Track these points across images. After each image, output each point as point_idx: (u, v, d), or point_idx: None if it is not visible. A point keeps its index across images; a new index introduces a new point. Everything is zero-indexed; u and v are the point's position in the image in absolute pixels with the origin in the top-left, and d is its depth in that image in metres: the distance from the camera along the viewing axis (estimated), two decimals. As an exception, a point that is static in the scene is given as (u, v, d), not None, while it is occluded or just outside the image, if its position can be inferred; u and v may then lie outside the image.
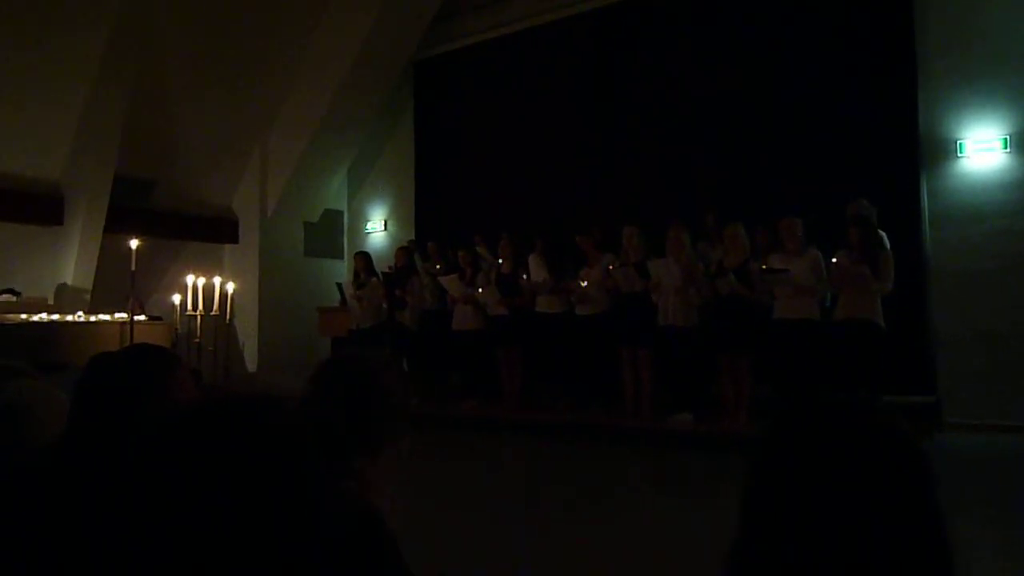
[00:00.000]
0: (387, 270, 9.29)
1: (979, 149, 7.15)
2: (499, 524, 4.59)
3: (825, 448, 0.85)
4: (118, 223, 9.32)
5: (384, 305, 9.02)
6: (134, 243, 7.91)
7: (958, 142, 7.23)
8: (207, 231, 11.03)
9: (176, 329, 9.09)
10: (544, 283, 7.65)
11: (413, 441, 1.58)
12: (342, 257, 11.69)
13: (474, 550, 3.93)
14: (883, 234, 6.14)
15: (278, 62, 10.20)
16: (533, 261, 7.86)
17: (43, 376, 1.99)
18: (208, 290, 8.98)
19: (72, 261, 9.43)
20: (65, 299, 9.41)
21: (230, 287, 9.40)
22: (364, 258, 9.26)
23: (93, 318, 8.88)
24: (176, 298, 9.04)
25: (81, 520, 1.20)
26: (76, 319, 8.78)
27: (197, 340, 8.72)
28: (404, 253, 9.08)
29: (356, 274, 9.27)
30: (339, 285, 9.75)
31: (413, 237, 10.46)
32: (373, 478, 1.45)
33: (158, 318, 9.49)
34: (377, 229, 11.64)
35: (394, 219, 11.50)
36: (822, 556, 0.80)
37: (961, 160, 7.24)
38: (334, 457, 1.33)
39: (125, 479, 0.89)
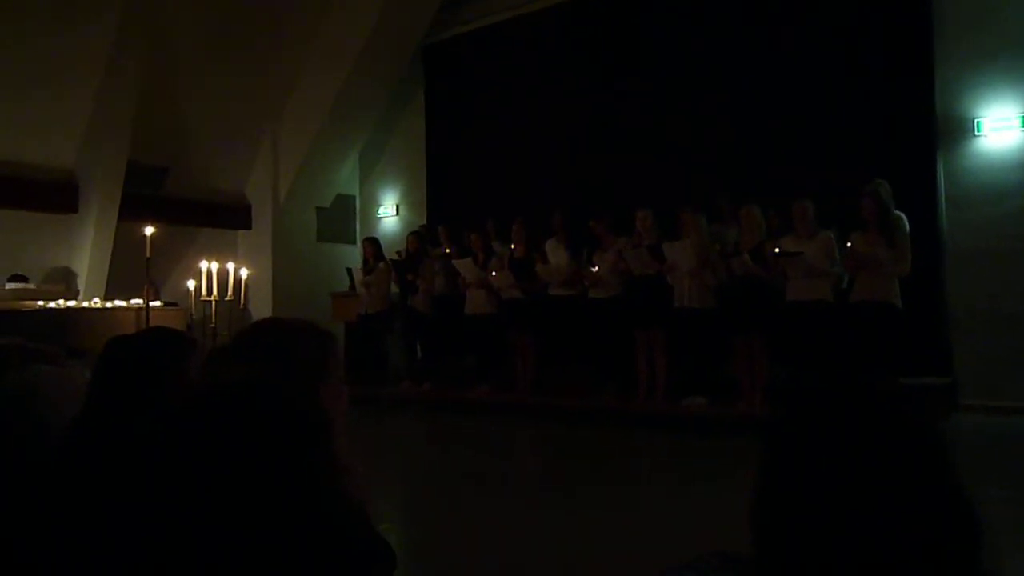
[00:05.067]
0: (397, 255, 9.31)
1: (997, 128, 7.05)
2: (513, 508, 4.61)
3: (839, 430, 0.84)
4: (132, 210, 9.37)
5: (396, 290, 9.05)
6: (149, 230, 7.94)
7: (975, 121, 7.14)
8: (220, 217, 11.07)
9: (191, 315, 9.14)
10: (558, 270, 7.64)
11: (351, 393, 1.48)
12: (354, 242, 11.69)
13: (487, 534, 3.95)
14: (902, 215, 6.06)
15: (289, 47, 10.19)
16: (551, 246, 7.85)
17: (68, 361, 2.01)
18: (222, 276, 9.01)
19: (87, 248, 9.50)
20: (80, 286, 9.48)
21: (244, 273, 9.44)
22: (372, 244, 9.29)
23: (109, 304, 8.95)
24: (191, 284, 9.09)
25: (95, 502, 1.21)
26: (92, 305, 8.85)
27: (212, 325, 8.76)
28: (416, 238, 9.10)
29: (365, 260, 9.29)
30: (348, 270, 9.79)
31: (425, 221, 10.47)
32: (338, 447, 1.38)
33: (173, 304, 9.55)
34: (389, 214, 11.64)
35: (406, 204, 11.50)
36: (844, 541, 0.79)
37: (979, 139, 7.15)
38: None
39: (140, 459, 0.89)
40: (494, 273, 8.05)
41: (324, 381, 1.39)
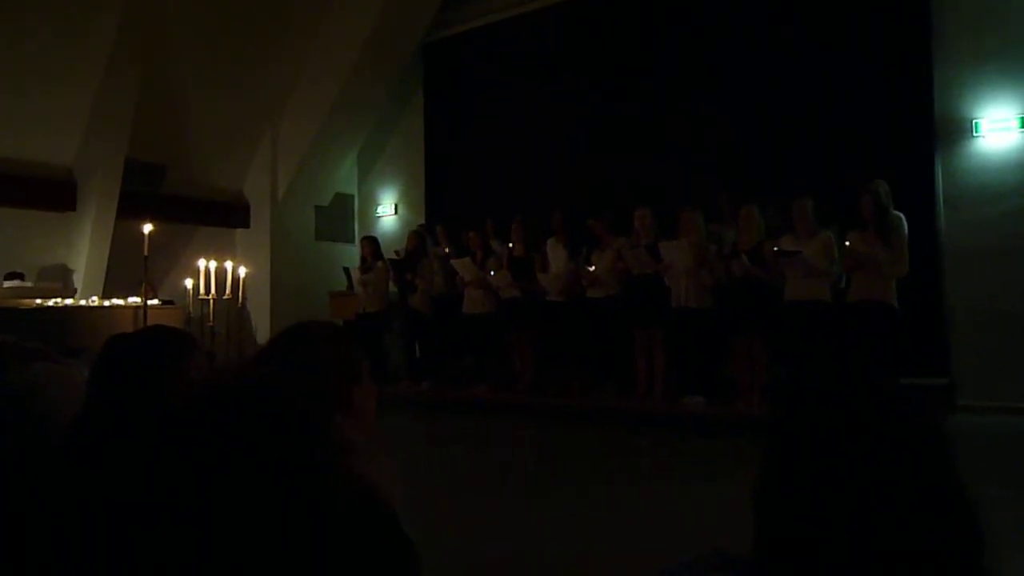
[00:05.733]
0: (395, 254, 9.30)
1: (995, 128, 7.07)
2: (511, 507, 4.61)
3: (841, 430, 0.84)
4: (130, 208, 9.35)
5: (394, 289, 9.04)
6: (147, 228, 7.93)
7: (974, 121, 7.15)
8: (219, 215, 11.07)
9: (189, 313, 9.14)
10: (557, 279, 7.66)
11: (381, 395, 1.56)
12: (353, 241, 11.69)
13: (485, 533, 3.95)
14: (900, 215, 6.07)
15: (288, 46, 10.18)
16: (551, 245, 7.85)
17: (65, 360, 2.00)
18: (220, 274, 9.01)
19: (85, 246, 9.49)
20: (78, 284, 9.47)
21: (242, 271, 9.44)
22: (371, 242, 9.27)
23: (107, 303, 8.94)
24: (188, 282, 9.08)
25: (96, 501, 1.21)
26: (90, 304, 8.83)
27: (210, 324, 8.76)
28: (416, 237, 9.09)
29: (363, 259, 9.29)
30: (346, 269, 9.77)
31: (423, 220, 10.47)
32: (356, 444, 1.42)
33: (170, 302, 9.55)
34: (388, 213, 11.64)
35: (405, 202, 11.50)
36: (846, 541, 0.79)
37: (977, 140, 7.16)
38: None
39: (139, 458, 0.89)
40: (492, 272, 8.05)
41: (358, 383, 1.47)
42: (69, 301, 8.74)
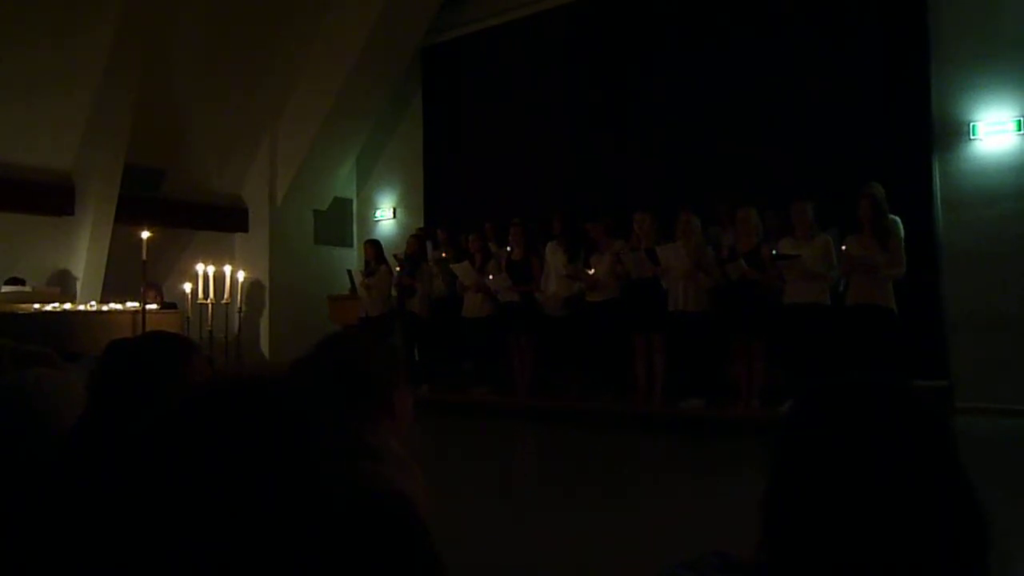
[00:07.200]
0: (395, 258, 9.31)
1: (992, 131, 7.09)
2: (510, 509, 4.61)
3: (857, 422, 0.85)
4: (129, 213, 9.36)
5: (393, 293, 9.04)
6: (145, 233, 7.93)
7: (971, 124, 7.17)
8: (217, 220, 11.06)
9: (187, 317, 9.14)
10: (555, 298, 7.68)
11: (417, 399, 1.64)
12: (351, 245, 11.71)
13: (485, 535, 3.94)
14: (897, 219, 6.08)
15: (287, 51, 10.19)
16: (551, 250, 7.85)
17: (66, 363, 2.00)
18: (219, 278, 9.02)
19: (84, 251, 9.48)
20: (77, 289, 9.47)
21: (240, 275, 9.44)
22: (374, 246, 9.28)
23: (105, 307, 8.94)
24: (187, 287, 9.09)
25: (96, 509, 1.21)
26: (88, 308, 8.83)
27: (208, 328, 8.77)
28: (416, 240, 9.08)
29: (367, 262, 9.29)
30: (349, 271, 9.77)
31: (422, 224, 10.47)
32: (392, 451, 1.44)
33: (172, 305, 9.55)
34: (386, 217, 11.64)
35: (403, 206, 11.50)
36: (856, 533, 0.79)
37: (974, 142, 7.18)
38: (342, 432, 1.31)
39: (133, 464, 0.88)
40: (491, 276, 8.05)
41: (396, 388, 1.56)
42: (68, 306, 8.74)
